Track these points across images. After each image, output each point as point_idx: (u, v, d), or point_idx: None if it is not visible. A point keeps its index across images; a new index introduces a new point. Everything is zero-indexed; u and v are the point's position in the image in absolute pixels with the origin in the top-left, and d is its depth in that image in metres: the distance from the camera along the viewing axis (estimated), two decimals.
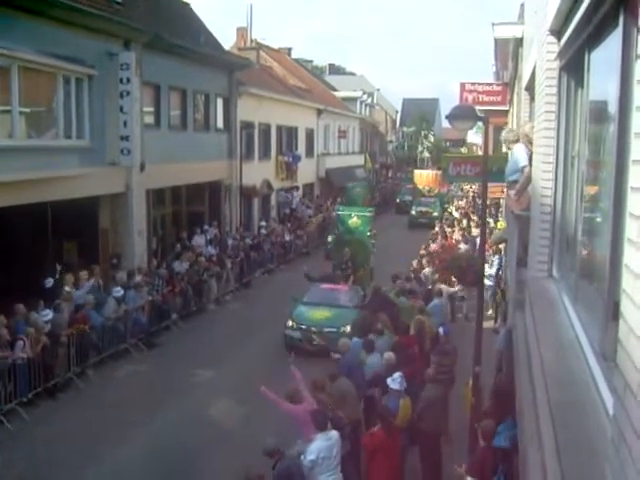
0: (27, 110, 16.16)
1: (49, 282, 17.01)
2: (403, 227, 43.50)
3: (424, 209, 44.64)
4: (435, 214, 42.66)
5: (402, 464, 10.59)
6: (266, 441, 9.28)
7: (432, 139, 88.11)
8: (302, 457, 9.11)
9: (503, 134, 11.27)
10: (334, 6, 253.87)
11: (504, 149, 12.46)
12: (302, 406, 10.13)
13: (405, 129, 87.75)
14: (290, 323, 18.26)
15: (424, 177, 51.59)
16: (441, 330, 13.97)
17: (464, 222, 33.59)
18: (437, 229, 30.59)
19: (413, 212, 44.99)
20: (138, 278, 18.97)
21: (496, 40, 21.28)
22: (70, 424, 13.35)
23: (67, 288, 16.77)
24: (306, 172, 41.04)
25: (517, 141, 9.72)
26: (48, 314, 15.14)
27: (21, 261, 16.92)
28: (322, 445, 9.05)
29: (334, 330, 17.37)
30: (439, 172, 49.52)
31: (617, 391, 2.95)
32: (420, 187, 50.01)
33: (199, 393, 15.22)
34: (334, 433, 9.30)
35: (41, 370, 14.20)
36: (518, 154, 9.26)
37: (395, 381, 11.03)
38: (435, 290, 18.38)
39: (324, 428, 9.27)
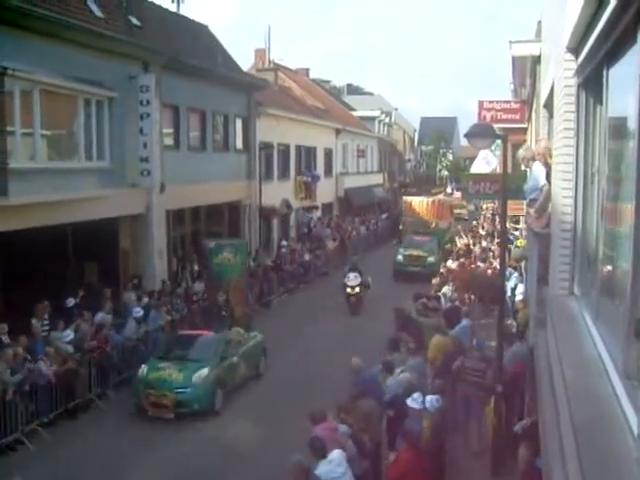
0: (48, 132, 16.33)
1: (70, 302, 17.13)
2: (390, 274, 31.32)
3: (415, 252, 31.45)
4: (431, 259, 30.74)
5: None
6: (295, 458, 9.09)
7: (451, 157, 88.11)
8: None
9: (520, 152, 11.26)
10: (350, 26, 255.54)
11: (522, 167, 12.44)
12: (322, 425, 10.00)
13: (423, 147, 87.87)
14: None
15: (416, 207, 37.28)
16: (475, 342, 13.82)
17: (484, 242, 33.28)
18: (459, 245, 30.27)
19: (399, 257, 31.82)
20: (145, 300, 18.88)
21: (514, 58, 21.31)
22: (91, 445, 13.37)
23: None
24: (325, 192, 41.09)
25: (534, 158, 9.69)
26: (69, 335, 15.23)
27: (42, 282, 17.03)
28: (325, 469, 8.85)
29: None
30: (437, 198, 41.14)
31: None
32: (411, 220, 36.70)
33: (219, 414, 15.13)
34: (336, 454, 9.03)
35: (62, 391, 14.28)
36: (537, 172, 9.22)
37: (416, 401, 10.84)
38: (464, 310, 17.44)
39: (322, 456, 8.92)
